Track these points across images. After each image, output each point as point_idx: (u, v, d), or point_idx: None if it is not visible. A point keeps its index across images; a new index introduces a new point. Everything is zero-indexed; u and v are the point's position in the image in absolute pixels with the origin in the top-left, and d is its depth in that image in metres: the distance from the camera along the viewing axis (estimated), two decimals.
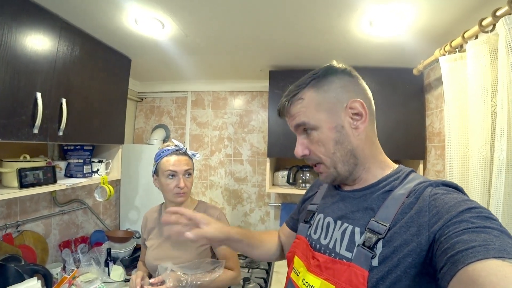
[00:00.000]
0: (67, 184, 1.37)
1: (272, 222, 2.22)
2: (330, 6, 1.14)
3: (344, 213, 0.61)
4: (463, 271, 0.36)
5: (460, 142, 1.19)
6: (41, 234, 1.50)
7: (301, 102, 0.62)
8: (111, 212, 2.11)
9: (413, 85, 1.72)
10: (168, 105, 2.41)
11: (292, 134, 0.68)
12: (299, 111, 0.62)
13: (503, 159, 0.91)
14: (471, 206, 0.44)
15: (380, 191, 0.58)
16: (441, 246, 0.42)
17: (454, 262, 0.38)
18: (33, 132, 1.13)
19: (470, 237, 0.39)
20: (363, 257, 0.52)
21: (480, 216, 0.42)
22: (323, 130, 0.60)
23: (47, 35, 1.18)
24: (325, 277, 0.56)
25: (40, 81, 1.16)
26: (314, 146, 0.62)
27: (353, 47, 1.46)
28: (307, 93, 0.62)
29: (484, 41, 1.05)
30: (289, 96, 0.64)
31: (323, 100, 0.60)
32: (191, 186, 1.20)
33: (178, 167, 1.15)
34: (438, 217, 0.46)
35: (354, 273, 0.51)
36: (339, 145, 0.60)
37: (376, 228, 0.53)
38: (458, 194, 0.50)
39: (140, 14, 1.22)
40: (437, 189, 0.51)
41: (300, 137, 0.65)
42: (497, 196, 0.92)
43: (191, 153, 1.23)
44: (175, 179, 1.15)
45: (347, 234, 0.57)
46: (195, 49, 1.63)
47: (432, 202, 0.49)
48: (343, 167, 0.61)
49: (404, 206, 0.52)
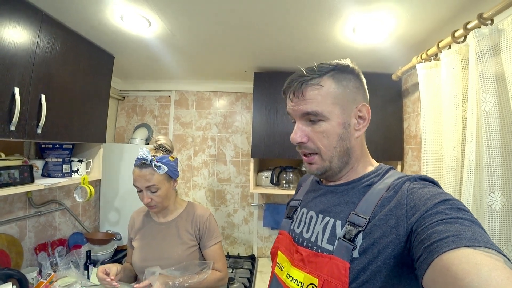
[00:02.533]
0: (46, 184, 1.31)
1: (256, 222, 2.24)
2: (316, 12, 1.18)
3: (326, 207, 0.63)
4: (438, 260, 0.38)
5: (435, 144, 1.27)
6: (15, 237, 1.42)
7: (319, 88, 0.59)
8: (91, 213, 2.04)
9: (391, 90, 1.81)
10: (151, 104, 2.36)
11: (275, 136, 0.68)
12: (314, 98, 0.59)
13: (473, 160, 0.99)
14: (445, 198, 0.47)
15: (361, 185, 0.61)
16: (418, 237, 0.44)
17: (429, 251, 0.40)
18: (9, 129, 1.08)
19: (444, 227, 0.41)
20: (344, 249, 0.53)
21: (453, 208, 0.45)
22: (333, 123, 0.60)
23: (27, 27, 1.13)
24: (308, 270, 0.57)
25: (18, 76, 1.10)
26: (317, 136, 0.61)
27: (336, 52, 1.53)
28: (327, 81, 0.60)
29: (456, 51, 1.13)
30: (306, 78, 0.60)
31: (341, 95, 0.60)
32: (161, 199, 1.11)
33: (139, 183, 1.09)
34: (415, 210, 0.48)
35: (335, 265, 0.53)
36: (341, 141, 0.61)
37: (356, 221, 0.55)
38: (434, 187, 0.52)
39: (126, 11, 1.20)
40: (415, 183, 0.54)
41: (301, 123, 0.63)
42: (467, 194, 1.00)
43: (155, 165, 1.09)
44: (141, 193, 1.11)
45: (328, 227, 0.59)
46: (181, 49, 1.62)
47: (409, 196, 0.51)
48: (337, 162, 0.62)
49: (383, 199, 0.55)
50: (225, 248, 2.26)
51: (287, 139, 2.04)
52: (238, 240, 2.27)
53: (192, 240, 1.16)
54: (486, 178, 0.93)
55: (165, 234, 1.16)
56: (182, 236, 1.15)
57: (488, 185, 0.93)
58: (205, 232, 1.18)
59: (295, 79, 0.61)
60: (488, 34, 0.96)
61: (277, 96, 1.84)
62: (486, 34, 0.97)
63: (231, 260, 2.03)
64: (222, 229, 2.27)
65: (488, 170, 0.93)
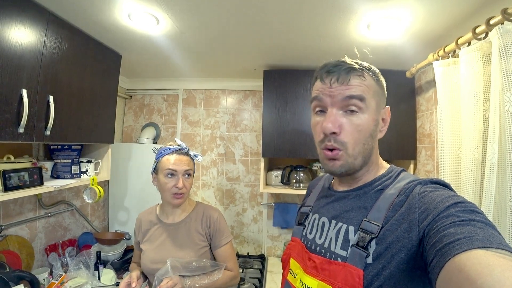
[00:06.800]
0: (55, 186, 1.31)
1: (265, 221, 2.22)
2: (331, 9, 1.14)
3: (339, 213, 0.63)
4: (450, 262, 0.38)
5: (452, 144, 1.23)
6: (26, 238, 1.43)
7: (362, 79, 0.58)
8: (100, 213, 2.04)
9: (405, 87, 1.76)
10: (158, 103, 2.34)
11: (286, 135, 0.66)
12: (360, 84, 0.57)
13: (495, 162, 0.95)
14: (457, 201, 0.46)
15: (373, 190, 0.60)
16: (430, 241, 0.44)
17: (442, 254, 0.40)
18: (18, 132, 1.06)
19: (456, 230, 0.41)
20: (358, 256, 0.53)
21: (465, 210, 0.44)
22: (368, 117, 0.58)
23: (33, 28, 1.11)
24: (321, 278, 0.57)
25: (26, 77, 1.09)
26: (351, 128, 0.57)
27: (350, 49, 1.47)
28: (368, 76, 0.59)
29: (477, 48, 1.08)
30: (350, 67, 0.58)
31: (378, 91, 0.61)
32: (190, 188, 1.16)
33: (178, 167, 1.12)
34: (427, 213, 0.47)
35: (349, 273, 0.53)
36: (370, 139, 0.59)
37: (369, 228, 0.54)
38: (446, 190, 0.51)
39: (134, 9, 1.17)
40: (426, 187, 0.53)
41: (337, 112, 0.58)
42: (488, 197, 0.96)
43: (193, 153, 1.20)
44: (174, 178, 1.12)
45: (341, 233, 0.59)
46: (189, 47, 1.59)
47: (421, 200, 0.51)
48: (360, 160, 0.60)
49: (394, 204, 0.54)
50: (234, 247, 2.24)
51: (297, 137, 2.05)
52: (248, 240, 2.26)
53: (203, 241, 1.15)
54: (509, 181, 0.90)
55: (175, 236, 1.15)
56: (193, 237, 1.14)
57: (511, 188, 0.89)
58: (216, 232, 1.17)
59: (340, 65, 0.58)
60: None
61: (287, 94, 1.81)
62: (510, 30, 0.93)
63: (241, 260, 2.02)
64: (231, 228, 2.26)
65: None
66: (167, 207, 1.19)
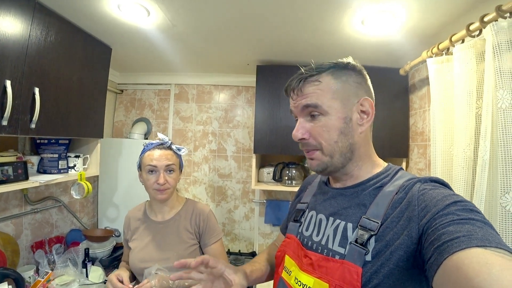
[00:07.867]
0: (41, 181, 1.27)
1: (257, 218, 2.21)
2: (324, 3, 1.12)
3: (336, 210, 0.62)
4: (448, 260, 0.38)
5: (445, 142, 1.23)
6: (11, 235, 1.38)
7: (317, 84, 0.61)
8: (89, 210, 2.00)
9: (398, 85, 1.76)
10: (150, 97, 2.30)
11: (278, 131, 0.66)
12: (313, 92, 0.60)
13: (487, 159, 0.95)
14: (457, 200, 0.46)
15: (371, 187, 0.60)
16: (429, 238, 0.44)
17: (440, 252, 0.40)
18: (1, 124, 1.03)
19: (455, 228, 0.41)
20: (356, 254, 0.53)
21: (465, 209, 0.44)
22: (332, 117, 0.60)
23: (18, 16, 1.07)
24: (318, 275, 0.56)
25: (10, 68, 1.05)
26: (318, 130, 0.61)
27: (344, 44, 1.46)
28: (325, 78, 0.61)
29: (471, 45, 1.08)
30: (305, 76, 0.62)
31: (340, 89, 0.61)
32: (174, 183, 1.13)
33: (159, 162, 1.09)
34: (426, 211, 0.47)
35: (347, 270, 0.52)
36: (342, 136, 0.60)
37: (368, 225, 0.54)
38: (445, 189, 0.52)
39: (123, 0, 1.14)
40: (425, 184, 0.53)
41: (303, 119, 0.63)
42: (479, 194, 0.96)
43: (176, 147, 1.17)
44: (155, 174, 1.10)
45: (339, 230, 0.58)
46: (181, 40, 1.55)
47: (420, 197, 0.50)
48: (339, 158, 0.61)
49: (394, 201, 0.54)
50: (226, 244, 2.23)
51: (290, 134, 1.98)
52: (239, 237, 2.24)
53: (192, 239, 1.13)
54: (500, 178, 0.90)
55: (164, 234, 1.13)
56: (182, 235, 1.12)
57: (502, 186, 0.90)
58: (205, 229, 1.15)
59: (294, 78, 0.64)
60: (507, 28, 0.92)
61: (280, 90, 1.77)
62: (504, 28, 0.92)
63: (232, 257, 2.00)
64: (222, 225, 2.24)
65: (503, 170, 0.90)
66: (155, 204, 1.16)
